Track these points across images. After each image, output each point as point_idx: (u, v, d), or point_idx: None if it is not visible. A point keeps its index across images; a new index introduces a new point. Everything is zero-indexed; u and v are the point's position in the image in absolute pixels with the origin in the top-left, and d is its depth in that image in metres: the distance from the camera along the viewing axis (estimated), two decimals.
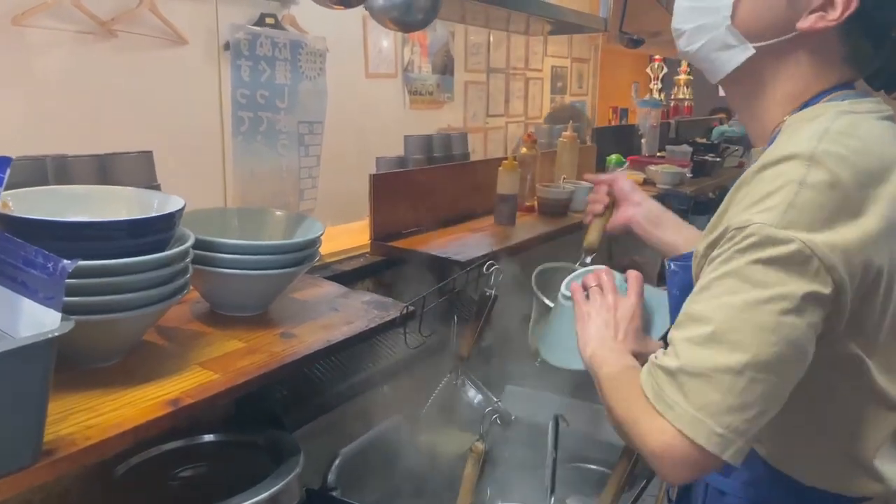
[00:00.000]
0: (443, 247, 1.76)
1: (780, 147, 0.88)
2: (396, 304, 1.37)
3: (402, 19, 1.28)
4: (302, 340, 1.16)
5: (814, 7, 0.89)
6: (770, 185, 0.83)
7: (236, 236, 1.30)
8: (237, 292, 1.20)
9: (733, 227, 0.82)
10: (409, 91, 4.87)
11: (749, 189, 0.85)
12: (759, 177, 0.85)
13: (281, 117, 1.49)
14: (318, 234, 1.26)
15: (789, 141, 0.88)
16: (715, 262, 0.84)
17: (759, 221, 0.80)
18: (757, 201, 0.82)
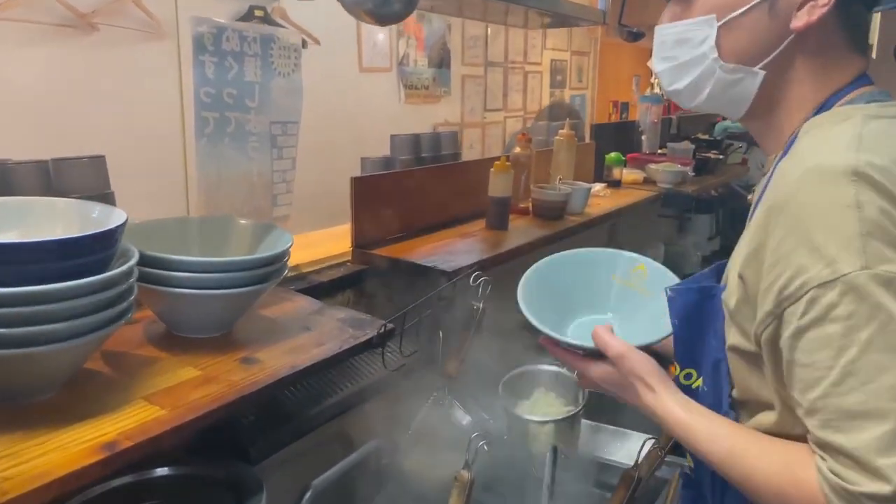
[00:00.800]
0: (429, 254, 1.65)
1: (808, 154, 0.77)
2: (374, 321, 1.26)
3: (378, 11, 1.17)
4: (265, 367, 1.05)
5: (799, 3, 0.82)
6: (823, 218, 0.71)
7: (197, 249, 1.20)
8: (194, 313, 1.09)
9: (813, 285, 0.70)
10: (405, 85, 4.74)
11: (791, 221, 0.74)
12: (800, 204, 0.73)
13: (251, 117, 1.37)
14: (286, 246, 1.15)
15: (818, 148, 0.78)
16: (821, 335, 0.71)
17: (850, 270, 0.69)
18: (821, 243, 0.70)
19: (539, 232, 1.96)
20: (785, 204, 0.75)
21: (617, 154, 2.73)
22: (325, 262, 1.61)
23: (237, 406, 0.96)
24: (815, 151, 0.77)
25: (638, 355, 0.94)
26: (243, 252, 1.20)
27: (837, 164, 0.72)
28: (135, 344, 1.09)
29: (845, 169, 0.71)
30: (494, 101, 5.71)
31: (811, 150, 0.79)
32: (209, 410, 0.92)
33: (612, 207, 2.37)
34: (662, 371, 0.93)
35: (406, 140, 1.88)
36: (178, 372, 1.01)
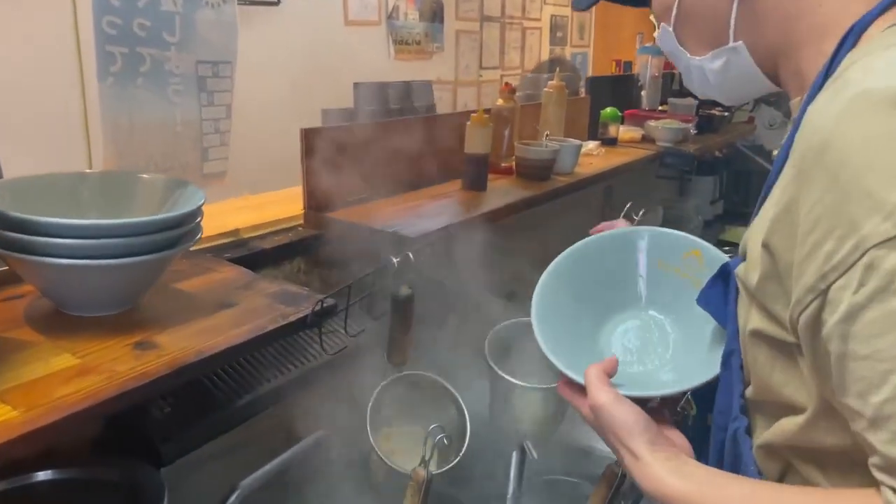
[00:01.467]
0: (392, 218, 1.45)
1: (853, 82, 0.58)
2: (312, 296, 1.07)
3: None
4: (163, 353, 0.86)
5: None
6: (880, 156, 0.52)
7: (95, 211, 1.00)
8: (79, 288, 0.90)
9: (871, 244, 0.52)
10: (394, 40, 4.50)
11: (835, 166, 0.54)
12: (846, 142, 0.54)
13: (172, 55, 1.17)
14: (197, 205, 0.95)
15: (866, 74, 0.58)
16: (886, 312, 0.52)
17: (877, 243, 0.51)
18: (878, 188, 0.52)
19: (521, 193, 1.76)
20: (825, 145, 0.56)
21: (613, 110, 2.51)
22: (271, 226, 1.41)
23: (115, 404, 0.77)
24: (862, 78, 0.58)
25: (619, 409, 0.73)
26: (151, 214, 1.00)
27: (892, 85, 0.54)
28: (9, 324, 0.90)
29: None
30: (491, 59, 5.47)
31: (856, 78, 0.59)
32: (74, 412, 0.73)
33: (606, 167, 2.16)
34: (652, 426, 0.72)
35: (371, 89, 1.67)
36: (51, 361, 0.82)
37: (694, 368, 0.80)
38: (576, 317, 0.88)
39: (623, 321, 0.89)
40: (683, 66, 0.85)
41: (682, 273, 0.88)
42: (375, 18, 4.33)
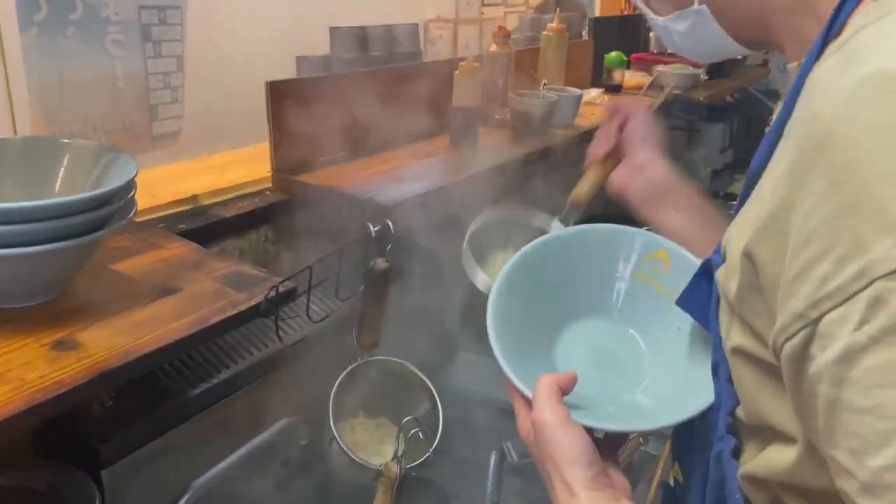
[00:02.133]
0: (369, 183, 1.32)
1: (864, 55, 0.45)
2: (269, 278, 0.95)
3: None
4: (84, 354, 0.75)
5: None
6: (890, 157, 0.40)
7: (13, 182, 0.88)
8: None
9: (880, 273, 0.40)
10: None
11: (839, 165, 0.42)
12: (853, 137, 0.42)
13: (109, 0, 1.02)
14: (128, 178, 0.82)
15: (880, 45, 0.45)
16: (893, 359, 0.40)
17: (890, 271, 0.39)
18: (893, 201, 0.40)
19: (514, 151, 1.62)
20: (828, 137, 0.43)
21: (618, 54, 2.34)
22: (235, 190, 1.28)
23: (22, 420, 0.67)
24: (877, 51, 0.45)
25: (565, 434, 0.61)
26: (81, 187, 0.88)
27: None
28: None
29: None
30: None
31: (862, 53, 0.46)
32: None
33: None
34: (597, 463, 0.60)
35: (349, 34, 1.52)
36: None
37: (668, 402, 0.67)
38: (535, 321, 0.74)
39: (589, 332, 0.75)
40: (650, 21, 0.77)
41: (646, 279, 0.75)
42: None
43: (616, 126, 0.92)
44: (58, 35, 0.97)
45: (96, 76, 1.03)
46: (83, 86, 1.01)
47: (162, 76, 1.12)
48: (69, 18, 0.98)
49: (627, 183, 0.89)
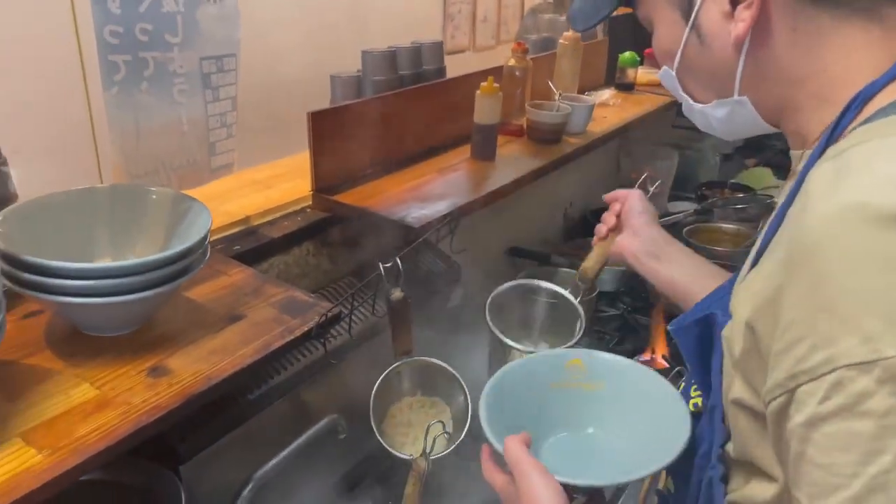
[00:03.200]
0: (399, 200, 1.47)
1: (847, 182, 0.57)
2: (317, 304, 1.11)
3: None
4: (174, 380, 0.91)
5: (721, 16, 0.72)
6: (861, 278, 0.53)
7: (110, 225, 1.04)
8: (92, 319, 0.95)
9: (841, 364, 0.53)
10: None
11: (817, 276, 0.55)
12: (830, 256, 0.55)
13: (175, 55, 1.16)
14: (202, 234, 0.98)
15: (860, 174, 0.58)
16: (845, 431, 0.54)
17: (850, 363, 0.52)
18: (856, 311, 0.53)
19: (531, 162, 1.75)
20: (813, 250, 0.56)
21: (631, 54, 2.44)
22: (280, 210, 1.43)
23: (130, 441, 0.84)
24: (856, 179, 0.57)
25: (544, 481, 0.71)
26: (162, 232, 1.03)
27: (886, 203, 0.53)
28: (31, 347, 0.95)
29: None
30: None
31: (852, 174, 0.58)
32: (94, 454, 0.80)
33: (619, 122, 2.13)
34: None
35: (380, 57, 1.64)
36: (72, 392, 0.88)
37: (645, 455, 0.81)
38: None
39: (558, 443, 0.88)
40: (685, 106, 0.85)
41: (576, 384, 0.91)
42: None
43: (616, 210, 1.09)
44: (134, 90, 1.12)
45: (165, 122, 1.17)
46: (154, 132, 1.16)
47: (219, 116, 1.26)
48: (143, 75, 1.12)
49: (625, 246, 1.05)
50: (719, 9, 0.71)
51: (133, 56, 1.10)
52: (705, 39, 0.74)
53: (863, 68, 0.66)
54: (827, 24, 0.67)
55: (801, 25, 0.68)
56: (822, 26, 0.67)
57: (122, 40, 1.07)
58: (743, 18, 0.69)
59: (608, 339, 1.94)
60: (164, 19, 1.12)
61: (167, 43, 1.14)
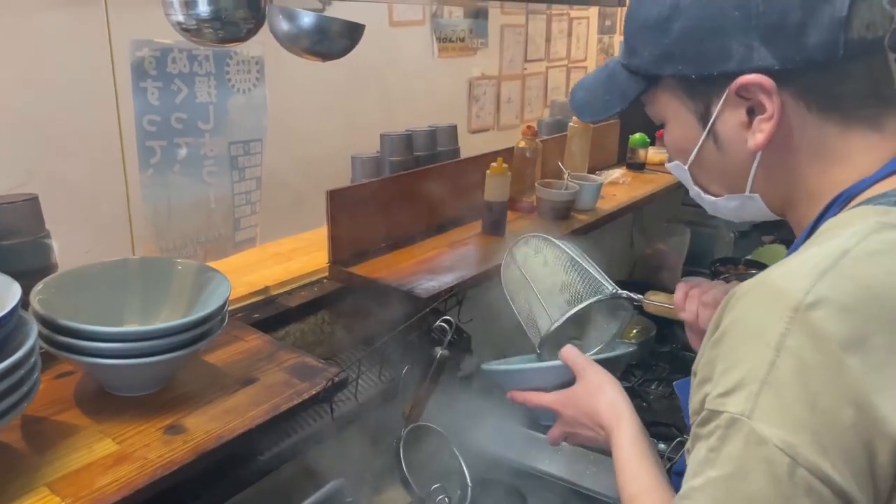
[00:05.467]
0: (410, 272, 1.56)
1: (781, 262, 0.67)
2: (326, 369, 1.19)
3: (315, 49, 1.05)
4: (189, 438, 0.99)
5: (739, 128, 0.75)
6: (743, 343, 0.63)
7: (140, 293, 1.14)
8: (119, 377, 1.04)
9: (709, 405, 0.64)
10: (438, 38, 4.56)
11: (728, 324, 0.65)
12: (739, 314, 0.64)
13: (206, 141, 1.29)
14: (222, 301, 1.07)
15: (793, 258, 0.66)
16: (697, 447, 0.65)
17: (734, 411, 0.61)
18: (730, 365, 0.63)
19: None
20: (731, 304, 0.66)
21: (642, 136, 2.54)
22: (298, 280, 1.53)
23: (145, 493, 0.91)
24: (787, 261, 0.66)
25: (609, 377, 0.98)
26: (185, 299, 1.13)
27: (785, 288, 0.62)
28: (61, 405, 1.04)
29: (788, 299, 0.60)
30: (536, 51, 5.44)
31: (791, 258, 0.67)
32: (113, 503, 0.87)
33: (628, 200, 2.22)
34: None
35: (397, 140, 1.76)
36: (95, 447, 0.96)
37: None
38: None
39: None
40: (693, 192, 0.88)
41: None
42: (420, 18, 4.38)
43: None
44: (167, 172, 1.24)
45: (195, 201, 1.29)
46: (184, 209, 1.27)
47: (245, 195, 1.38)
48: (176, 159, 1.25)
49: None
50: (737, 119, 0.74)
51: (168, 142, 1.22)
52: (722, 145, 0.77)
53: (858, 169, 0.72)
54: (832, 132, 0.72)
55: (809, 134, 0.73)
56: (827, 135, 0.72)
57: (158, 128, 1.20)
58: (762, 129, 0.73)
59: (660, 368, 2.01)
60: (198, 109, 1.25)
61: (199, 129, 1.27)
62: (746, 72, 0.71)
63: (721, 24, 0.71)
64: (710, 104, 0.76)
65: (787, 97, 0.71)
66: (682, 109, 0.79)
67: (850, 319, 0.58)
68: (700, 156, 0.80)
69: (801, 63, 0.69)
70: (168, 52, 1.19)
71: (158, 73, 1.18)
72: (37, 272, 1.07)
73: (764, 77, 0.70)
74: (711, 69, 0.73)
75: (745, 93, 0.72)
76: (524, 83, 5.36)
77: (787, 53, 0.69)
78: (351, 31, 1.08)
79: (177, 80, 1.21)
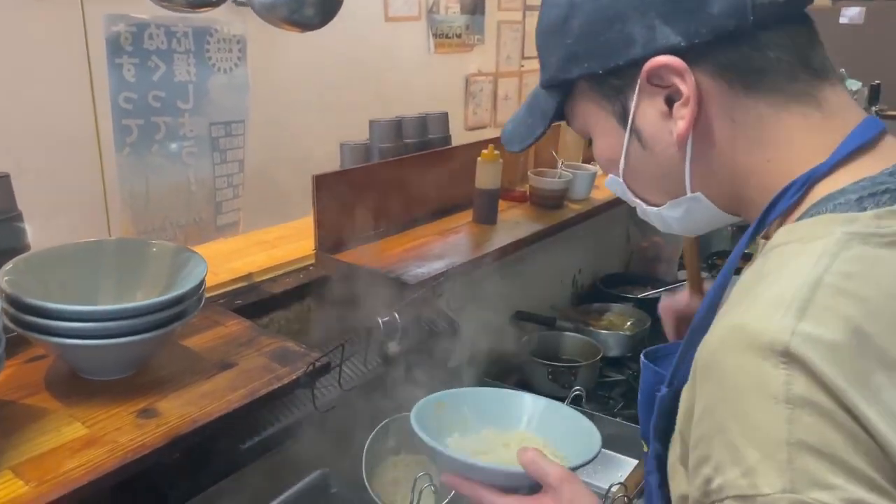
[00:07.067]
0: (397, 261, 1.52)
1: (744, 298, 0.59)
2: (308, 354, 1.15)
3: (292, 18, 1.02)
4: (162, 422, 0.95)
5: (658, 119, 0.69)
6: (744, 407, 0.54)
7: (115, 275, 1.10)
8: (90, 360, 1.00)
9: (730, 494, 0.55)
10: (434, 34, 4.52)
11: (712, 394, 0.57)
12: (721, 375, 0.56)
13: (185, 120, 1.25)
14: (198, 280, 1.04)
15: (757, 290, 0.58)
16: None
17: (770, 492, 0.52)
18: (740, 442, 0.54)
19: (532, 226, 1.80)
20: (708, 370, 0.58)
21: None
22: (283, 267, 1.49)
23: (115, 477, 0.87)
24: (750, 299, 0.58)
25: (582, 486, 0.81)
26: (162, 281, 1.10)
27: (765, 332, 0.54)
28: (30, 389, 1.01)
29: (773, 343, 0.53)
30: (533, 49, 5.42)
31: (751, 290, 0.59)
32: (79, 486, 0.83)
33: None
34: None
35: (386, 126, 1.73)
36: (63, 430, 0.92)
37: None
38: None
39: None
40: (639, 210, 0.80)
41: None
42: (416, 14, 4.35)
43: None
44: (145, 152, 1.20)
45: (174, 182, 1.25)
46: (163, 190, 1.24)
47: (227, 177, 1.34)
48: (154, 138, 1.21)
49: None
50: (656, 110, 0.69)
51: (145, 120, 1.19)
52: (647, 143, 0.71)
53: (805, 155, 0.65)
54: (766, 113, 0.65)
55: (740, 117, 0.66)
56: (761, 116, 0.65)
57: (135, 106, 1.17)
58: (682, 116, 0.67)
59: (612, 403, 1.94)
60: (177, 88, 1.22)
61: (178, 109, 1.23)
62: (652, 55, 0.65)
63: (618, 11, 0.66)
64: (626, 101, 0.70)
65: (703, 77, 0.65)
66: (601, 114, 0.73)
67: (845, 360, 0.52)
68: (629, 161, 0.73)
69: (710, 36, 0.63)
70: (145, 28, 1.15)
71: (135, 49, 1.15)
72: (7, 252, 1.04)
73: (671, 57, 0.64)
74: (617, 59, 0.68)
75: (657, 80, 0.67)
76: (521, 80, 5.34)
77: (691, 27, 0.64)
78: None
79: (154, 57, 1.18)
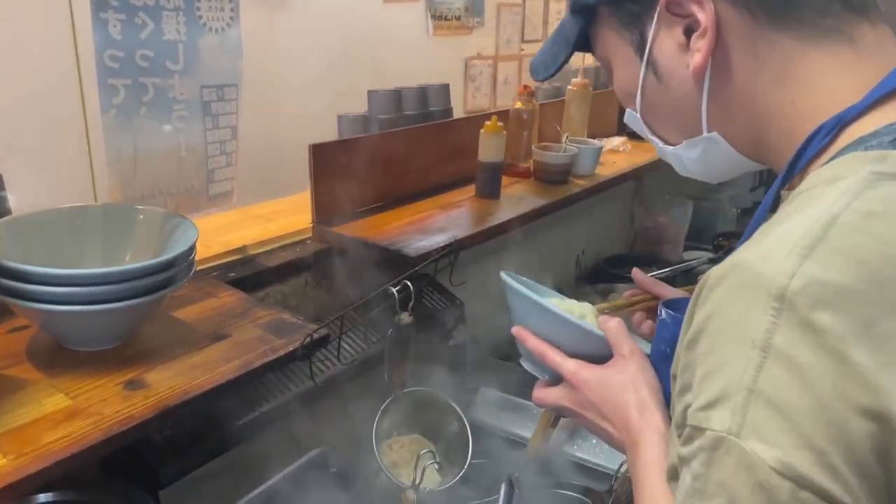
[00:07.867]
0: (398, 234, 1.46)
1: (756, 237, 0.55)
2: (305, 326, 1.10)
3: None
4: (151, 394, 0.90)
5: (674, 49, 0.66)
6: (723, 342, 0.51)
7: (101, 241, 1.04)
8: (75, 328, 0.95)
9: (691, 421, 0.53)
10: (433, 16, 4.45)
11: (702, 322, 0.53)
12: (713, 308, 0.53)
13: (175, 82, 1.19)
14: (188, 245, 0.98)
15: (769, 230, 0.54)
16: (682, 474, 0.54)
17: (718, 429, 0.50)
18: (711, 370, 0.52)
19: (536, 201, 1.75)
20: (703, 297, 0.54)
21: None
22: (279, 241, 1.44)
23: (100, 449, 0.82)
24: (765, 235, 0.54)
25: (649, 364, 0.79)
26: (150, 247, 1.04)
27: (765, 272, 0.50)
28: (11, 359, 0.95)
29: (770, 286, 0.49)
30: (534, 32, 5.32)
31: (768, 228, 0.55)
32: (61, 459, 0.78)
33: (628, 167, 2.13)
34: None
35: (385, 97, 1.67)
36: (45, 402, 0.87)
37: None
38: None
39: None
40: (658, 150, 0.78)
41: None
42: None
43: None
44: (132, 114, 1.14)
45: (163, 147, 1.19)
46: (152, 156, 1.18)
47: (219, 144, 1.28)
48: (142, 100, 1.15)
49: None
50: (674, 41, 0.66)
51: (133, 81, 1.13)
52: (663, 76, 0.68)
53: (834, 97, 0.60)
54: (792, 49, 0.61)
55: (764, 53, 0.62)
56: (787, 52, 0.61)
57: (121, 64, 1.11)
58: (698, 48, 0.63)
59: None
60: (166, 47, 1.16)
61: (168, 70, 1.17)
62: None
63: None
64: (644, 29, 0.68)
65: (725, 6, 0.62)
66: (619, 43, 0.71)
67: (849, 305, 0.47)
68: (646, 95, 0.71)
69: None
70: None
71: (121, 3, 1.08)
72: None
73: None
74: None
75: (676, 8, 0.64)
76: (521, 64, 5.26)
77: None
78: None
79: (141, 14, 1.11)
